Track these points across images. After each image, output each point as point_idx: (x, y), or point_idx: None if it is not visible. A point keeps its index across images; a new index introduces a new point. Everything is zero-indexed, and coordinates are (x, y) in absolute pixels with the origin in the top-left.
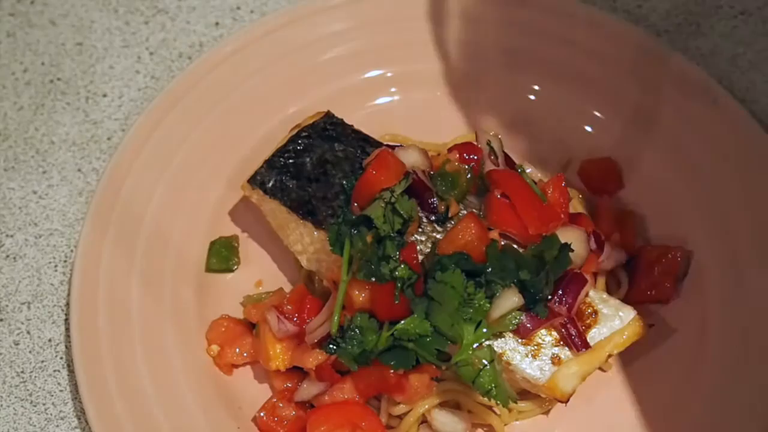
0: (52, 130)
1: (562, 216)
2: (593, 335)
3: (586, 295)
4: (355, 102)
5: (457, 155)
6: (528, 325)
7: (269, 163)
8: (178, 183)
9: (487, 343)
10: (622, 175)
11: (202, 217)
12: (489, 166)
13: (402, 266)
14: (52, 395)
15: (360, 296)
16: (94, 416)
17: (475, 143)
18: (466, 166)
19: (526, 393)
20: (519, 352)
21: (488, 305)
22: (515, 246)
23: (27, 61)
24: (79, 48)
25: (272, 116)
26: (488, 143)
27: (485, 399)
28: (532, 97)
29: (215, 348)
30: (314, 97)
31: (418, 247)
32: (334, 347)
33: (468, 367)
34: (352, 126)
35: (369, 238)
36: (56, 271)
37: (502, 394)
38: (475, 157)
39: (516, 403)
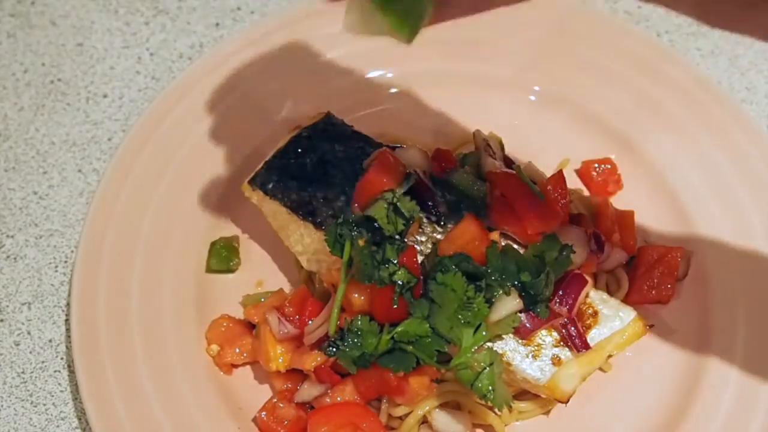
0: (52, 130)
1: (562, 216)
2: (593, 336)
3: (587, 295)
4: (355, 102)
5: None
6: (528, 326)
7: (269, 164)
8: (179, 183)
9: (488, 345)
10: (622, 175)
11: (202, 218)
12: (488, 167)
13: (401, 270)
14: (53, 396)
15: (359, 299)
16: (94, 416)
17: (445, 148)
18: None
19: (527, 393)
20: (519, 353)
21: (487, 309)
22: (516, 246)
23: (27, 62)
24: (80, 49)
25: (272, 117)
26: (486, 143)
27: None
28: (532, 97)
29: (215, 348)
30: (314, 98)
31: (418, 248)
32: (334, 349)
33: (467, 370)
34: (352, 127)
35: (362, 242)
36: (57, 271)
37: (499, 398)
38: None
39: (511, 407)
